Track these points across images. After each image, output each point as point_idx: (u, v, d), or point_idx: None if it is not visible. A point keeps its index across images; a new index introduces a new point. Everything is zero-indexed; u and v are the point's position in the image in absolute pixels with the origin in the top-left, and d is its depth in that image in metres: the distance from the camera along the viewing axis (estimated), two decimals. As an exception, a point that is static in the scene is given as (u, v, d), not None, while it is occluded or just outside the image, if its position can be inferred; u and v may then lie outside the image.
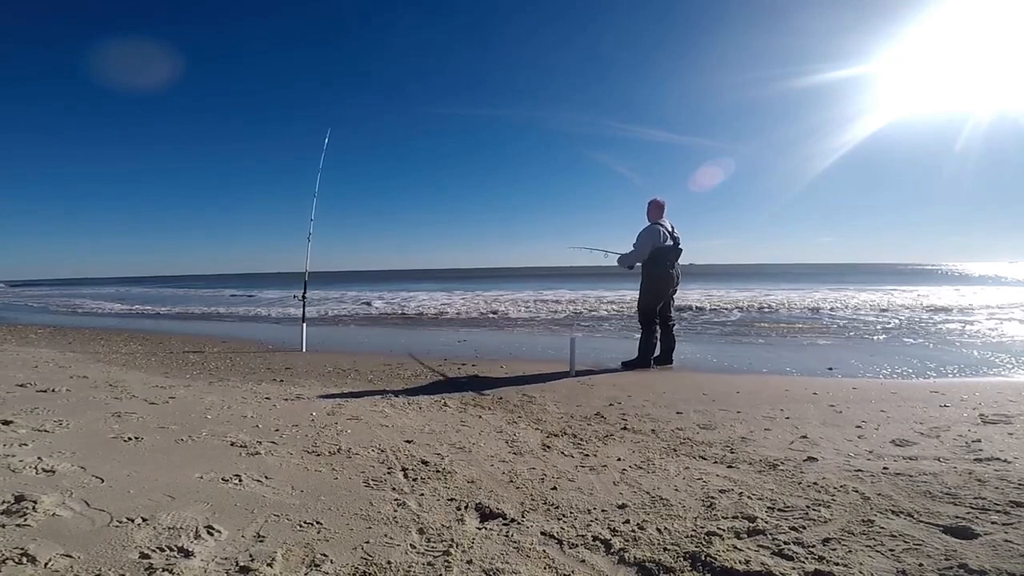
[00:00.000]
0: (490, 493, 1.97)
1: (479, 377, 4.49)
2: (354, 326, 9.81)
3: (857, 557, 1.45)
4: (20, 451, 2.37)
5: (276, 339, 7.57)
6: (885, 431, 2.73)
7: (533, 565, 1.45)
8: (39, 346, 6.81)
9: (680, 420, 3.04)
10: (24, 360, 5.36)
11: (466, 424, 2.98)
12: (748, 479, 2.09)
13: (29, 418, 2.96)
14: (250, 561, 1.46)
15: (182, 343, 7.15)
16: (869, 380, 4.13)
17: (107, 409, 3.22)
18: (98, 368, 4.96)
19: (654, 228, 4.89)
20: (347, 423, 2.96)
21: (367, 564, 1.45)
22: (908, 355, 5.30)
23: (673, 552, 1.50)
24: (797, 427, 2.84)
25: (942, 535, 1.57)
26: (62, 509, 1.76)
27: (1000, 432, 2.66)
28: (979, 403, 3.25)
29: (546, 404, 3.47)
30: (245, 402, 3.49)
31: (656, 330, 4.96)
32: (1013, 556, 1.43)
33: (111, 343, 7.17)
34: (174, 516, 1.73)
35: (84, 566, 1.43)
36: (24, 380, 4.11)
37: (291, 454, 2.41)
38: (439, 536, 1.62)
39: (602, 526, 1.68)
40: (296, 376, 4.62)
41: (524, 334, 7.95)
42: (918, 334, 6.90)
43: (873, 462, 2.26)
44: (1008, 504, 1.77)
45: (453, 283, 28.48)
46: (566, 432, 2.80)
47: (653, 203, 5.00)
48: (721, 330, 7.86)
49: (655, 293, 4.92)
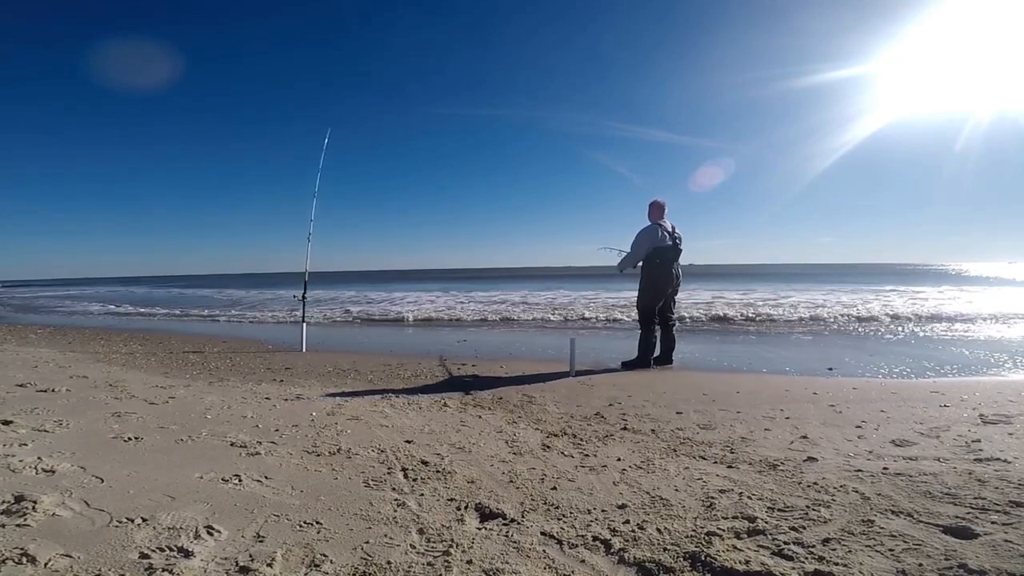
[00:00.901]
0: (490, 493, 1.97)
1: (479, 377, 4.49)
2: (354, 326, 9.81)
3: (857, 557, 1.45)
4: (20, 451, 2.37)
5: (276, 339, 7.56)
6: (885, 431, 2.73)
7: (533, 565, 1.45)
8: (39, 346, 6.81)
9: (680, 420, 3.04)
10: (24, 360, 5.36)
11: (466, 424, 2.98)
12: (748, 479, 2.09)
13: (29, 418, 2.96)
14: (250, 561, 1.46)
15: (182, 343, 7.16)
16: (869, 380, 4.13)
17: (107, 409, 3.22)
18: (98, 368, 4.96)
19: (653, 228, 4.89)
20: (347, 423, 2.96)
21: (367, 564, 1.45)
22: (908, 355, 5.30)
23: (673, 552, 1.50)
24: (797, 427, 2.84)
25: (942, 535, 1.57)
26: (62, 509, 1.76)
27: (1000, 432, 2.66)
28: (979, 403, 3.25)
29: (546, 404, 3.47)
30: (245, 402, 3.49)
31: (656, 330, 4.96)
32: (1013, 556, 1.43)
33: (111, 343, 7.17)
34: (174, 516, 1.73)
35: (84, 566, 1.43)
36: (24, 380, 4.11)
37: (291, 454, 2.41)
38: (439, 536, 1.62)
39: (602, 526, 1.68)
40: (296, 376, 4.62)
41: (524, 334, 7.95)
42: (917, 334, 6.90)
43: (873, 462, 2.26)
44: (1008, 504, 1.77)
45: (453, 283, 28.48)
46: (566, 432, 2.80)
47: (654, 204, 5.01)
48: (727, 333, 7.85)
49: (654, 293, 4.92)
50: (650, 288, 4.95)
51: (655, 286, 4.92)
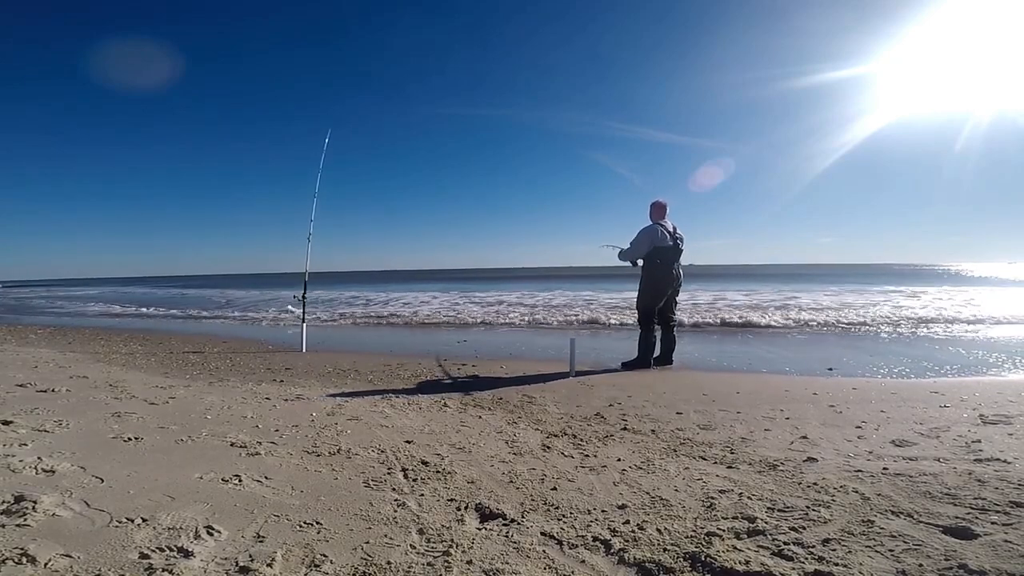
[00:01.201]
0: (490, 493, 1.97)
1: (479, 377, 4.49)
2: (354, 326, 9.80)
3: (857, 557, 1.45)
4: (20, 451, 2.37)
5: (276, 339, 7.57)
6: (885, 431, 2.73)
7: (533, 565, 1.45)
8: (39, 346, 6.81)
9: (680, 420, 3.04)
10: (24, 360, 5.36)
11: (466, 424, 2.98)
12: (748, 479, 2.09)
13: (29, 418, 2.96)
14: (250, 561, 1.46)
15: (182, 343, 7.16)
16: (869, 380, 4.13)
17: (107, 409, 3.22)
18: (98, 368, 4.96)
19: (653, 227, 4.89)
20: (347, 423, 2.96)
21: (367, 564, 1.45)
22: (908, 355, 5.30)
23: (673, 552, 1.50)
24: (797, 427, 2.84)
25: (942, 535, 1.57)
26: (62, 509, 1.76)
27: (1000, 432, 2.66)
28: (979, 403, 3.25)
29: (546, 404, 3.47)
30: (245, 402, 3.49)
31: (656, 330, 4.96)
32: (1013, 556, 1.43)
33: (111, 343, 7.17)
34: (174, 516, 1.73)
35: (84, 566, 1.43)
36: (24, 380, 4.11)
37: (291, 454, 2.41)
38: (439, 536, 1.62)
39: (602, 526, 1.68)
40: (296, 376, 4.62)
41: (524, 334, 7.95)
42: (917, 334, 6.89)
43: (873, 462, 2.26)
44: (1008, 504, 1.77)
45: (453, 284, 28.46)
46: (566, 432, 2.80)
47: (655, 204, 5.01)
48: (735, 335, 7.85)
49: (654, 293, 4.93)
50: (650, 288, 4.95)
51: (656, 286, 4.92)
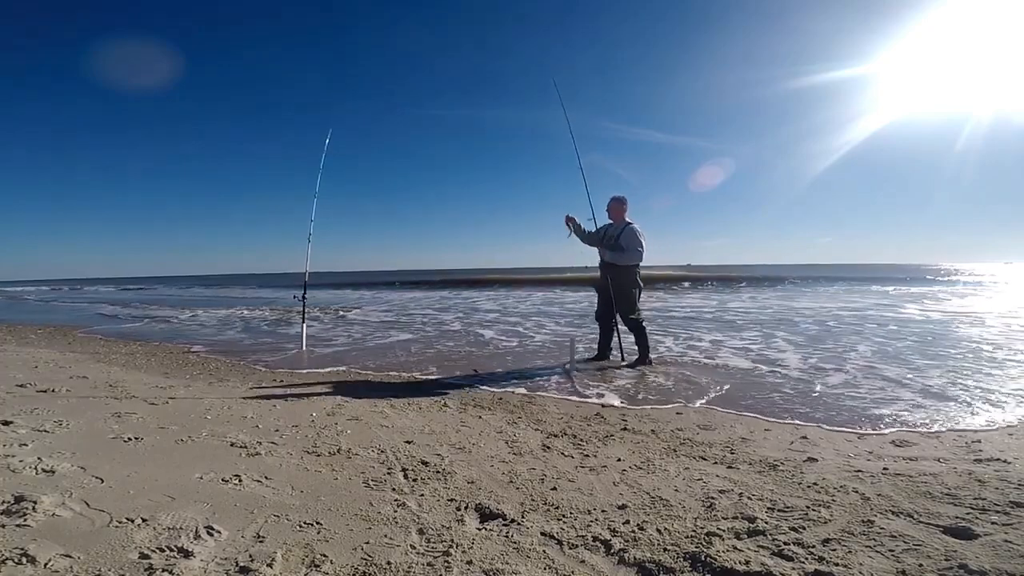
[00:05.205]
0: (490, 494, 1.97)
1: (479, 377, 4.49)
2: (354, 326, 9.80)
3: (857, 557, 1.45)
4: (20, 451, 2.37)
5: (276, 339, 7.56)
6: (885, 431, 2.73)
7: (533, 565, 1.45)
8: (39, 346, 6.80)
9: (680, 420, 3.04)
10: (24, 360, 5.36)
11: (466, 425, 2.98)
12: (748, 479, 2.09)
13: (29, 418, 2.96)
14: (250, 561, 1.46)
15: (182, 343, 7.15)
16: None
17: (107, 409, 3.22)
18: (98, 368, 4.95)
19: (639, 229, 4.86)
20: (347, 423, 2.96)
21: (367, 564, 1.45)
22: (908, 355, 5.29)
23: (673, 552, 1.50)
24: (797, 427, 2.84)
25: (942, 535, 1.57)
26: (62, 509, 1.76)
27: (1000, 432, 2.66)
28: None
29: (546, 404, 3.47)
30: (245, 402, 3.48)
31: (644, 328, 4.92)
32: (1013, 556, 1.43)
33: (111, 343, 7.17)
34: (174, 516, 1.73)
35: (84, 566, 1.43)
36: (24, 380, 4.11)
37: (291, 454, 2.41)
38: (439, 536, 1.62)
39: (602, 526, 1.68)
40: (296, 376, 4.62)
41: (524, 334, 7.94)
42: (917, 334, 6.89)
43: (873, 462, 2.26)
44: (1008, 504, 1.77)
45: (453, 284, 28.45)
46: (566, 432, 2.80)
47: (624, 200, 4.97)
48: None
49: (638, 299, 4.92)
50: (638, 295, 4.93)
51: (637, 292, 4.91)
